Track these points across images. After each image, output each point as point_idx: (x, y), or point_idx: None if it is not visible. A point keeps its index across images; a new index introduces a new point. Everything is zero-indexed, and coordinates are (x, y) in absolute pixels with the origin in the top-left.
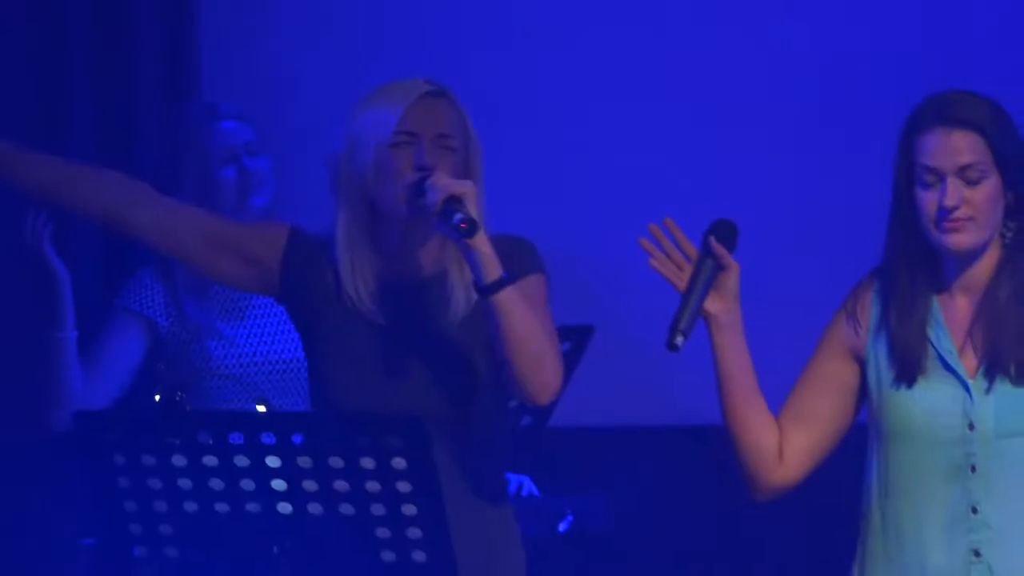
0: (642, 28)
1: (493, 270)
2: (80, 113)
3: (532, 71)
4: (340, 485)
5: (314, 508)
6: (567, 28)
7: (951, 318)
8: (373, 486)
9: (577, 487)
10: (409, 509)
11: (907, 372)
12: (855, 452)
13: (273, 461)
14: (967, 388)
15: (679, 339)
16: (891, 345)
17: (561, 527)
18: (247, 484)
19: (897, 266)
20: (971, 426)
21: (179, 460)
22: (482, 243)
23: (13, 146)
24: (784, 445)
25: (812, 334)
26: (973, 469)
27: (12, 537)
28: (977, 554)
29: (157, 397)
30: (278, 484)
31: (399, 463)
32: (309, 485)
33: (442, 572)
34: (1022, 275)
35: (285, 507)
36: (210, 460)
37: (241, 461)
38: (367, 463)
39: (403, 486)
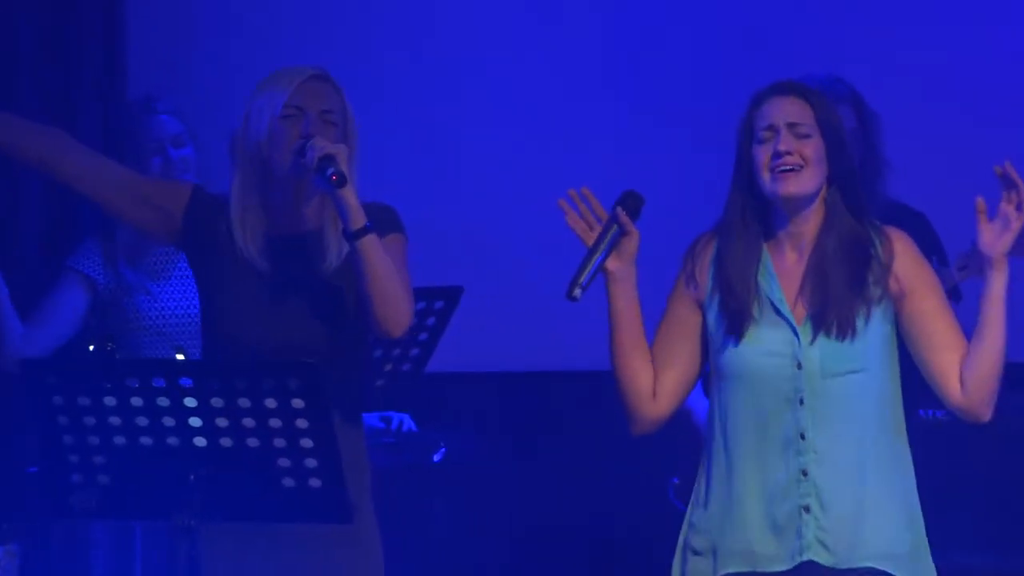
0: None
1: (359, 219)
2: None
3: (435, 69)
4: (247, 422)
5: (225, 442)
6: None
7: (782, 270)
8: (275, 423)
9: (450, 424)
10: (306, 443)
11: (740, 319)
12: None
13: (190, 402)
14: (795, 332)
15: (577, 291)
16: (726, 294)
17: (436, 457)
18: (168, 421)
19: (734, 219)
20: (799, 366)
21: (110, 401)
22: (350, 195)
23: None
24: (656, 385)
25: None
26: (801, 402)
27: None
28: (805, 474)
29: (91, 347)
30: (194, 421)
31: (297, 403)
32: (221, 422)
33: (333, 496)
34: (841, 235)
35: (200, 441)
36: (136, 401)
37: (163, 402)
38: (270, 403)
39: (301, 423)
